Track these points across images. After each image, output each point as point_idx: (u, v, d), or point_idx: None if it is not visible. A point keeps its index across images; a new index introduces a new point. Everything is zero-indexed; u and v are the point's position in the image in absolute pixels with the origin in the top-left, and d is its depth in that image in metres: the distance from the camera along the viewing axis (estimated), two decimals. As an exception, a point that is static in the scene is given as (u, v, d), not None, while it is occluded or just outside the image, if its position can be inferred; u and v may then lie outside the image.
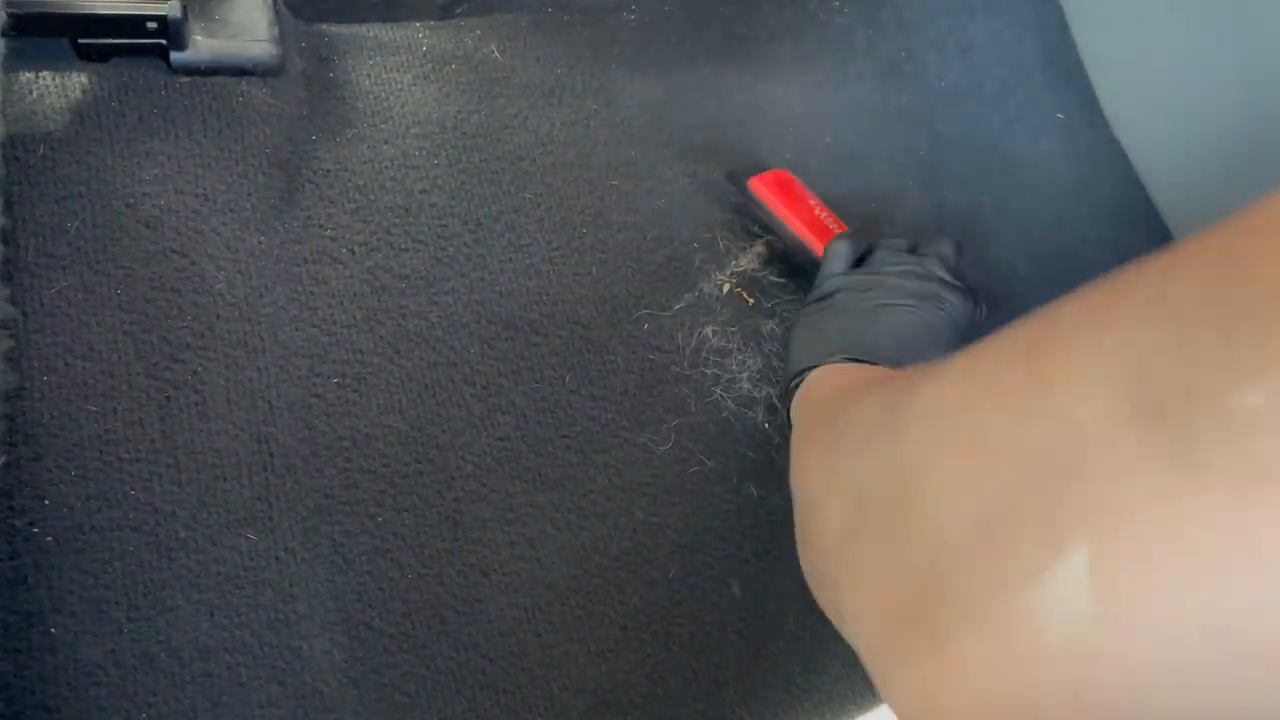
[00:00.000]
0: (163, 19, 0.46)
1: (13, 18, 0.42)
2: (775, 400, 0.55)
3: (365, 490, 0.46)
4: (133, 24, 0.46)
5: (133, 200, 0.46)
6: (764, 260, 0.58)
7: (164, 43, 0.47)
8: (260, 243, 0.48)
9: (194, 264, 0.46)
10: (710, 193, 0.59)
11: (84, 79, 0.46)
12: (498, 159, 0.55)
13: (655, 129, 0.60)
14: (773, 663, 0.50)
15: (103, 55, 0.47)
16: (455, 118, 0.55)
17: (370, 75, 0.55)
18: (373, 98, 0.54)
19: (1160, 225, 0.63)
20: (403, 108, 0.54)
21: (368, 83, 0.54)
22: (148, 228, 0.45)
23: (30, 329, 0.42)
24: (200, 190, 0.47)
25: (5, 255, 0.42)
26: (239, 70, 0.49)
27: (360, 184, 0.52)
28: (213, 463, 0.43)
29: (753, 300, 0.57)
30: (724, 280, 0.57)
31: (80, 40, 0.46)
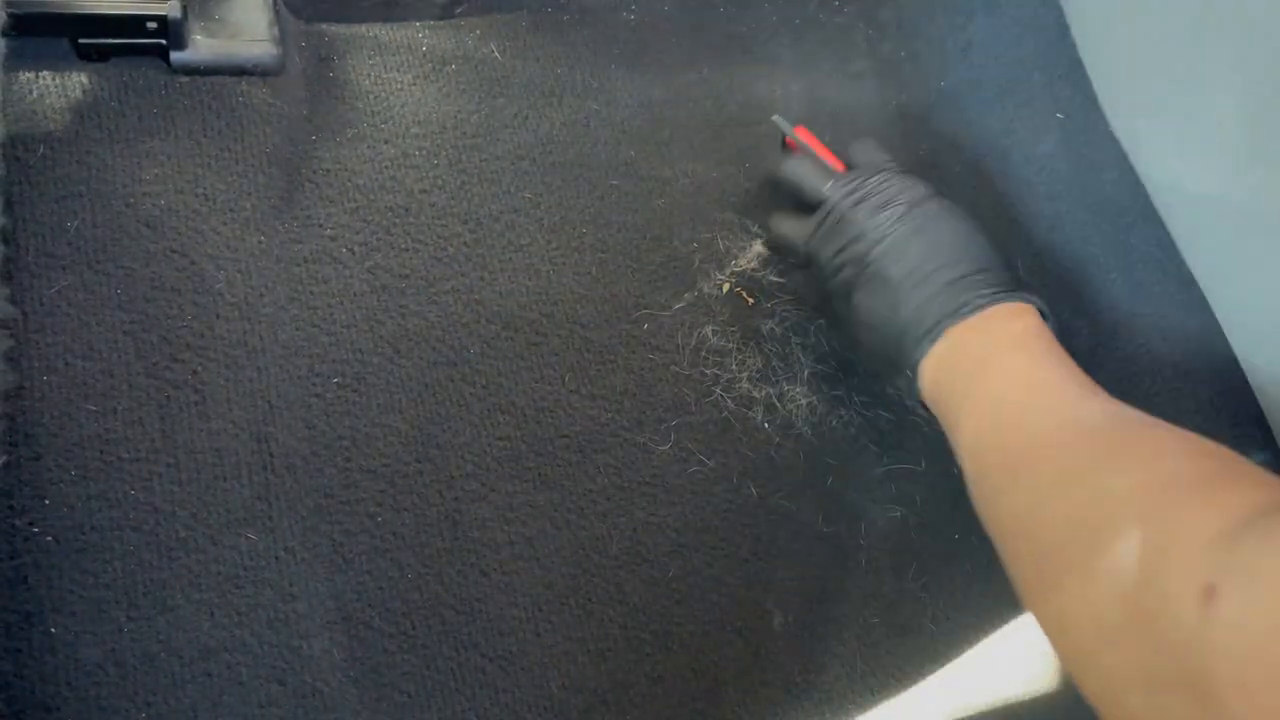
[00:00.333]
0: (163, 19, 0.46)
1: (13, 18, 0.42)
2: (775, 400, 0.55)
3: (365, 490, 0.46)
4: (133, 24, 0.46)
5: (133, 200, 0.46)
6: (764, 260, 0.58)
7: (164, 43, 0.47)
8: (260, 242, 0.48)
9: (194, 264, 0.46)
10: (710, 193, 0.59)
11: (84, 79, 0.46)
12: (498, 159, 0.55)
13: (655, 129, 0.60)
14: (773, 663, 0.50)
15: (103, 55, 0.47)
16: (455, 118, 0.55)
17: (370, 75, 0.55)
18: (373, 98, 0.54)
19: (1160, 225, 0.63)
20: (403, 108, 0.54)
21: (368, 83, 0.54)
22: (148, 227, 0.45)
23: (30, 329, 0.42)
24: (200, 190, 0.47)
25: (5, 255, 0.42)
26: (239, 70, 0.49)
27: (360, 184, 0.52)
28: (213, 462, 0.43)
29: (753, 300, 0.57)
30: (724, 280, 0.57)
31: (80, 40, 0.46)
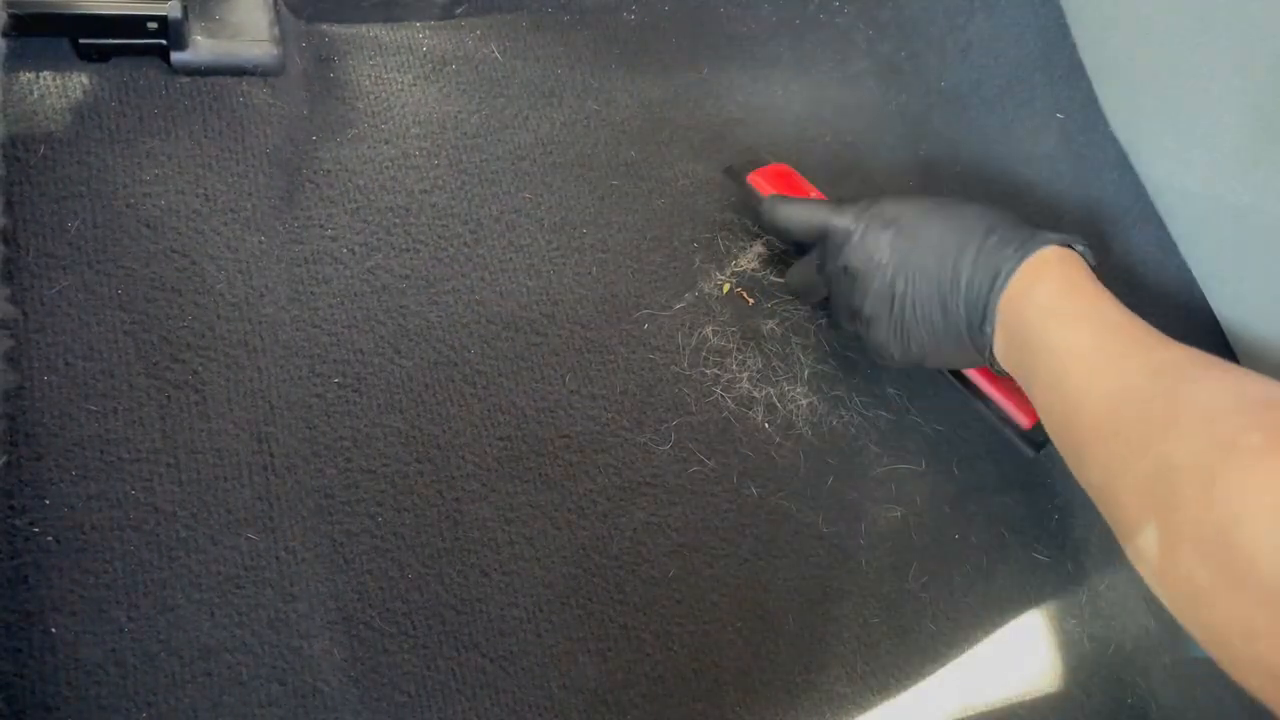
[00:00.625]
0: (163, 19, 0.46)
1: (13, 18, 0.42)
2: (775, 400, 0.55)
3: (365, 490, 0.46)
4: (133, 24, 0.46)
5: (133, 200, 0.46)
6: (764, 260, 0.58)
7: (164, 43, 0.47)
8: (260, 243, 0.48)
9: (194, 264, 0.46)
10: (710, 193, 0.59)
11: (84, 79, 0.46)
12: (498, 159, 0.55)
13: (655, 129, 0.60)
14: (773, 663, 0.50)
15: (103, 55, 0.47)
16: (455, 118, 0.55)
17: (370, 75, 0.55)
18: (373, 98, 0.54)
19: (1160, 225, 0.63)
20: (403, 108, 0.54)
21: (368, 83, 0.54)
22: (148, 228, 0.45)
23: (30, 329, 0.42)
24: (201, 190, 0.47)
25: (5, 255, 0.42)
26: (239, 70, 0.49)
27: (360, 184, 0.52)
28: (213, 462, 0.43)
29: (753, 300, 0.57)
30: (724, 280, 0.57)
31: (80, 40, 0.46)
